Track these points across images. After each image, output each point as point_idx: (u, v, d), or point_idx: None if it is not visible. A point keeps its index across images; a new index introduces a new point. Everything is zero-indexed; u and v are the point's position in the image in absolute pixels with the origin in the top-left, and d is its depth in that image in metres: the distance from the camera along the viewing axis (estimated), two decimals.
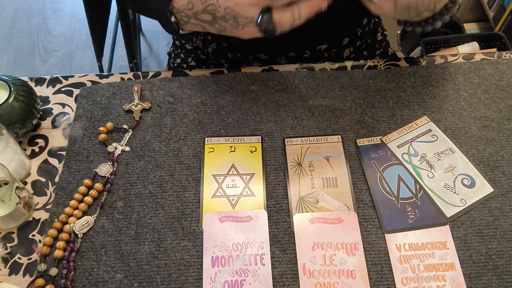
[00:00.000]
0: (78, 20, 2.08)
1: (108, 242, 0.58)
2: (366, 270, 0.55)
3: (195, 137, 0.67)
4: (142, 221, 0.59)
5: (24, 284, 0.55)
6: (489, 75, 0.72)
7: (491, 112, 0.68)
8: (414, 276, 0.55)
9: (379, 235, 0.58)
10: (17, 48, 1.98)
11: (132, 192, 0.62)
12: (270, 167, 0.64)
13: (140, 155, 0.65)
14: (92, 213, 0.60)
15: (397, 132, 0.66)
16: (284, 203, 0.61)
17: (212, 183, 0.62)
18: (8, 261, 0.57)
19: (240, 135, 0.67)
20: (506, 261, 0.56)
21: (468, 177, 0.62)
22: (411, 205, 0.60)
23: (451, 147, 0.65)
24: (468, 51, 1.38)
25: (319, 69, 0.73)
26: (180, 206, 0.61)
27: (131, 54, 1.47)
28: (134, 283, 0.55)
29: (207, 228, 0.58)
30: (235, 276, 0.55)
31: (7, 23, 2.07)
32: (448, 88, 0.71)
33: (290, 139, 0.66)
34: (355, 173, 0.63)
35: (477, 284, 0.54)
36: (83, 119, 0.69)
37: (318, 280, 0.55)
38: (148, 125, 0.68)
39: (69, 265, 0.56)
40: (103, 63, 1.38)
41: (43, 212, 0.61)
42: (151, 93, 0.71)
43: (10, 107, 0.62)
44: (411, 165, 0.63)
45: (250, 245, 0.57)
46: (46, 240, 0.57)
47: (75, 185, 0.62)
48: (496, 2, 1.62)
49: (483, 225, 0.58)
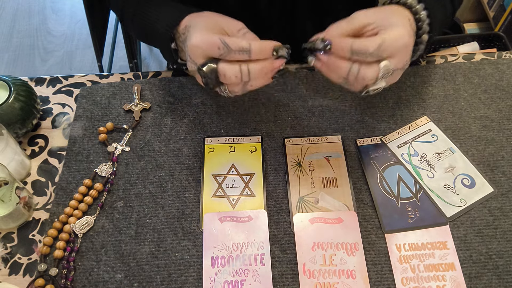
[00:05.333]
0: (78, 20, 2.08)
1: (108, 242, 0.58)
2: (366, 270, 0.55)
3: (195, 137, 0.67)
4: (142, 221, 0.59)
5: (24, 284, 0.55)
6: (489, 75, 0.72)
7: (491, 112, 0.68)
8: (414, 276, 0.55)
9: (379, 235, 0.58)
10: (17, 48, 1.98)
11: (132, 192, 0.62)
12: (270, 167, 0.64)
13: (140, 155, 0.65)
14: (92, 213, 0.60)
15: (397, 132, 0.66)
16: (284, 203, 0.61)
17: (212, 183, 0.62)
18: (8, 261, 0.57)
19: (240, 135, 0.67)
20: (506, 261, 0.56)
21: (468, 177, 0.62)
22: (411, 205, 0.60)
23: (451, 147, 0.65)
24: (468, 51, 1.38)
25: None
26: (180, 206, 0.61)
27: (131, 54, 1.47)
28: (134, 283, 0.55)
29: (207, 228, 0.58)
30: (235, 276, 0.55)
31: (7, 23, 2.07)
32: (448, 88, 0.71)
33: (290, 139, 0.66)
34: (355, 173, 0.63)
35: (477, 284, 0.54)
36: (83, 119, 0.69)
37: (318, 280, 0.55)
38: (148, 125, 0.68)
39: (69, 265, 0.56)
40: (103, 63, 1.38)
41: (43, 212, 0.61)
42: (151, 93, 0.71)
43: (10, 107, 0.62)
44: (411, 165, 0.63)
45: (250, 245, 0.57)
46: (46, 240, 0.57)
47: (75, 185, 0.62)
48: (496, 2, 1.62)
49: (483, 225, 0.58)
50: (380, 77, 0.51)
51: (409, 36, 0.51)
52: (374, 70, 0.50)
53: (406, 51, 0.52)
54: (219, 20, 0.55)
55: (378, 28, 0.51)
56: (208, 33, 0.52)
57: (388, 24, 0.51)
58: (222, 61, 0.51)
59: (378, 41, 0.49)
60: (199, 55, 0.52)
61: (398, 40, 0.50)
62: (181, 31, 0.58)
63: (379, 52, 0.49)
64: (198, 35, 0.52)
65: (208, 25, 0.53)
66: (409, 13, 0.55)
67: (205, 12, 0.58)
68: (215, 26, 0.54)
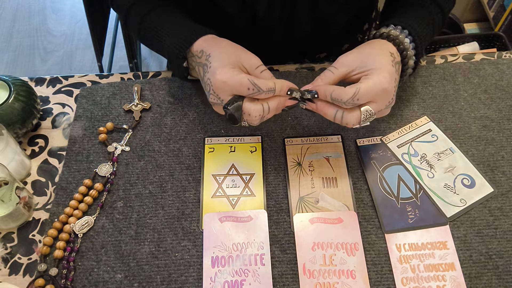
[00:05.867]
0: (78, 20, 2.08)
1: (108, 242, 0.58)
2: (366, 270, 0.55)
3: (195, 137, 0.67)
4: (142, 221, 0.59)
5: (24, 284, 0.55)
6: (489, 75, 0.72)
7: (491, 112, 0.68)
8: (414, 276, 0.55)
9: (379, 235, 0.58)
10: (17, 48, 1.98)
11: (132, 192, 0.62)
12: (270, 167, 0.64)
13: (140, 155, 0.65)
14: (92, 213, 0.60)
15: (397, 132, 0.66)
16: (284, 203, 0.61)
17: (212, 183, 0.62)
18: (8, 261, 0.57)
19: (240, 135, 0.67)
20: (506, 261, 0.56)
21: (468, 177, 0.62)
22: (411, 205, 0.60)
23: (451, 147, 0.65)
24: (468, 51, 1.38)
25: (319, 69, 0.73)
26: (180, 206, 0.61)
27: (131, 54, 1.47)
28: (134, 283, 0.55)
29: (207, 228, 0.58)
30: (235, 276, 0.55)
31: (7, 23, 2.07)
32: (448, 88, 0.71)
33: (290, 139, 0.66)
34: (355, 173, 0.63)
35: (477, 284, 0.54)
36: (83, 119, 0.69)
37: (318, 280, 0.55)
38: (148, 125, 0.68)
39: (69, 265, 0.56)
40: (103, 63, 1.38)
41: (43, 212, 0.61)
42: (151, 93, 0.71)
43: (10, 107, 0.62)
44: (411, 165, 0.63)
45: (250, 245, 0.57)
46: (46, 240, 0.57)
47: (75, 185, 0.62)
48: (496, 2, 1.62)
49: (483, 225, 0.58)
50: (362, 120, 0.55)
51: (389, 79, 0.55)
52: (356, 116, 0.55)
53: (386, 95, 0.55)
54: (239, 55, 0.57)
55: (359, 75, 0.56)
56: (233, 70, 0.55)
57: (368, 69, 0.56)
58: (247, 100, 0.55)
59: (352, 91, 0.53)
60: (226, 91, 0.55)
61: (375, 86, 0.54)
62: (196, 53, 0.59)
63: (353, 101, 0.54)
64: (224, 71, 0.55)
65: (231, 60, 0.56)
66: (392, 45, 0.59)
67: (223, 41, 0.60)
68: (236, 62, 0.56)
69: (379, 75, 0.55)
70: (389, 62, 0.56)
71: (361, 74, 0.56)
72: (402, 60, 0.60)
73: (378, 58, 0.56)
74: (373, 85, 0.54)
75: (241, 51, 0.58)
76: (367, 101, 0.54)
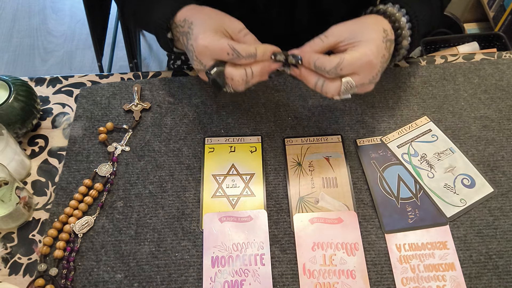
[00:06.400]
0: (78, 20, 2.08)
1: (108, 242, 0.58)
2: (366, 270, 0.55)
3: (195, 137, 0.67)
4: (142, 221, 0.59)
5: (24, 284, 0.55)
6: (489, 75, 0.72)
7: (491, 112, 0.68)
8: (414, 276, 0.55)
9: (379, 235, 0.58)
10: (17, 48, 1.98)
11: (132, 192, 0.62)
12: (270, 167, 0.64)
13: (140, 155, 0.65)
14: (92, 213, 0.60)
15: (397, 132, 0.66)
16: (284, 203, 0.61)
17: (212, 183, 0.62)
18: (8, 261, 0.57)
19: (240, 135, 0.67)
20: (506, 261, 0.56)
21: (468, 177, 0.62)
22: (411, 205, 0.60)
23: (451, 147, 0.65)
24: (468, 51, 1.38)
25: None
26: (180, 206, 0.61)
27: (131, 54, 1.47)
28: (134, 283, 0.55)
29: (207, 228, 0.58)
30: (235, 276, 0.55)
31: (7, 23, 2.07)
32: (448, 88, 0.71)
33: (290, 139, 0.66)
34: (355, 173, 0.63)
35: (477, 284, 0.54)
36: (83, 119, 0.69)
37: (318, 280, 0.55)
38: (148, 125, 0.68)
39: (69, 265, 0.56)
40: (103, 63, 1.38)
41: (43, 212, 0.61)
42: (151, 93, 0.71)
43: (10, 107, 0.62)
44: (411, 165, 0.63)
45: (250, 245, 0.57)
46: (46, 240, 0.57)
47: (75, 185, 0.62)
48: (496, 2, 1.62)
49: (483, 225, 0.58)
50: (342, 92, 0.55)
51: (376, 53, 0.54)
52: (336, 86, 0.54)
53: (370, 68, 0.54)
54: (221, 20, 0.57)
55: (347, 46, 0.55)
56: (215, 35, 0.54)
57: (357, 41, 0.54)
58: (229, 65, 0.55)
59: (336, 61, 0.52)
60: (207, 56, 0.55)
61: (360, 58, 0.53)
62: (179, 23, 0.59)
63: (336, 70, 0.53)
64: (205, 36, 0.54)
65: (212, 25, 0.55)
66: (387, 22, 0.58)
67: (205, 8, 0.59)
68: (219, 27, 0.56)
69: (366, 47, 0.53)
70: (379, 37, 0.55)
71: (349, 45, 0.55)
72: (396, 39, 0.59)
73: (368, 32, 0.55)
74: (359, 56, 0.53)
75: (224, 16, 0.58)
76: (351, 72, 0.53)
